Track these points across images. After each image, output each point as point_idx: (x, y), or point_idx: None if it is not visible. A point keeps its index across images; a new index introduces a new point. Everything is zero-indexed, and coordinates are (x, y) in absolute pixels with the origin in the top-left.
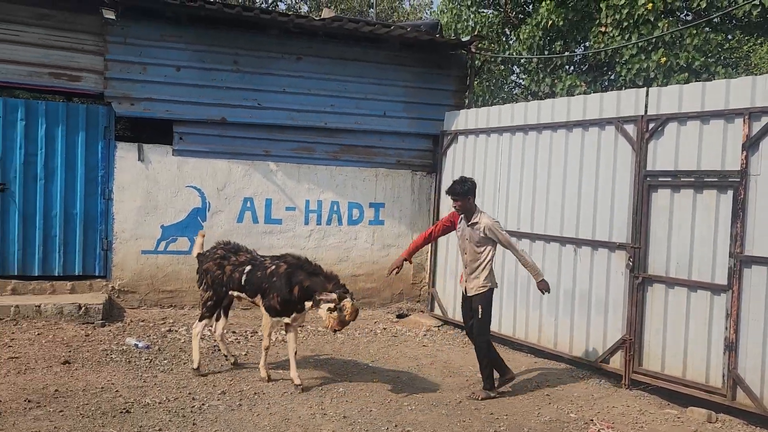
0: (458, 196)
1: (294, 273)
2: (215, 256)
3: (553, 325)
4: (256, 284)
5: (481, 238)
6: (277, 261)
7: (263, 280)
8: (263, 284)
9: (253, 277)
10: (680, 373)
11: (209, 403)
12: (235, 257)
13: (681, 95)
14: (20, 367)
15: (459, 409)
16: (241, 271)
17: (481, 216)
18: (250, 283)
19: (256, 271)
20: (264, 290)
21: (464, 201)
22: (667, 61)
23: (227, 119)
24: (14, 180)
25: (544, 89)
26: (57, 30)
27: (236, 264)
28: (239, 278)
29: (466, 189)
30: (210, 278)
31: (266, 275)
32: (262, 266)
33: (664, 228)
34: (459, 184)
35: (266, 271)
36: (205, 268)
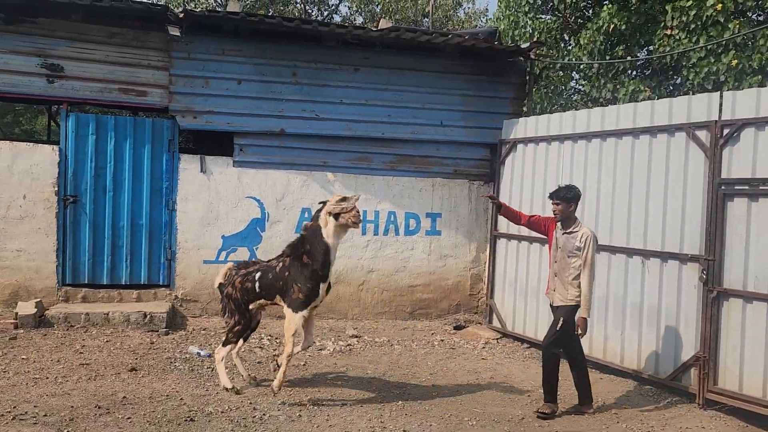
0: (561, 201)
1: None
2: (232, 280)
3: (620, 340)
4: (272, 285)
5: (576, 248)
6: (279, 257)
7: (278, 279)
8: (278, 283)
9: (265, 280)
10: (760, 393)
11: (270, 413)
12: (245, 270)
13: (758, 99)
14: (91, 374)
15: (522, 426)
16: (252, 279)
17: (581, 227)
18: (265, 287)
19: (266, 274)
20: (281, 288)
21: (566, 206)
22: (738, 63)
23: (286, 131)
24: (85, 192)
25: (606, 95)
26: (125, 47)
27: (245, 275)
28: (253, 287)
29: (571, 195)
30: (233, 303)
31: (277, 273)
32: (270, 268)
33: (741, 239)
34: (565, 189)
35: (275, 269)
36: (226, 294)
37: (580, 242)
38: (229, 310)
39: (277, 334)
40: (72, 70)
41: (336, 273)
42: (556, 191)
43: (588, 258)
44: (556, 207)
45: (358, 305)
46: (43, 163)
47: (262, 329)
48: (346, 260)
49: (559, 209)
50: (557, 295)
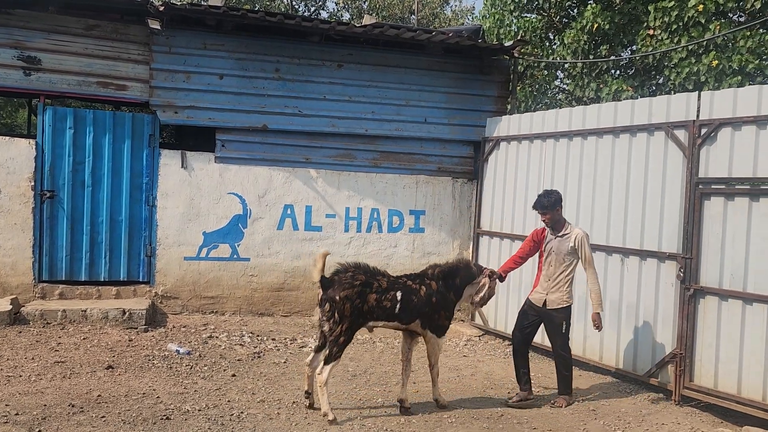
0: (546, 209)
1: (445, 283)
2: (356, 283)
3: (599, 337)
4: (415, 310)
5: (570, 249)
6: (421, 280)
7: (423, 305)
8: (424, 309)
9: (409, 303)
10: (735, 389)
11: (248, 411)
12: (377, 283)
13: (735, 99)
14: (66, 372)
15: (501, 423)
16: (392, 298)
17: (572, 228)
18: (406, 311)
19: (410, 296)
20: (426, 314)
21: (552, 213)
22: (719, 64)
23: (268, 126)
24: (63, 187)
25: (589, 94)
26: (104, 40)
27: (381, 291)
28: (391, 307)
29: (553, 201)
30: (349, 308)
31: (422, 298)
32: (411, 290)
33: (718, 237)
34: (545, 197)
35: (419, 293)
36: (343, 297)
37: (575, 243)
38: (340, 314)
39: (258, 331)
40: (49, 63)
41: None
42: (538, 201)
43: (587, 256)
44: (545, 217)
45: None
46: (19, 157)
47: (243, 326)
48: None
49: (548, 218)
50: (550, 297)
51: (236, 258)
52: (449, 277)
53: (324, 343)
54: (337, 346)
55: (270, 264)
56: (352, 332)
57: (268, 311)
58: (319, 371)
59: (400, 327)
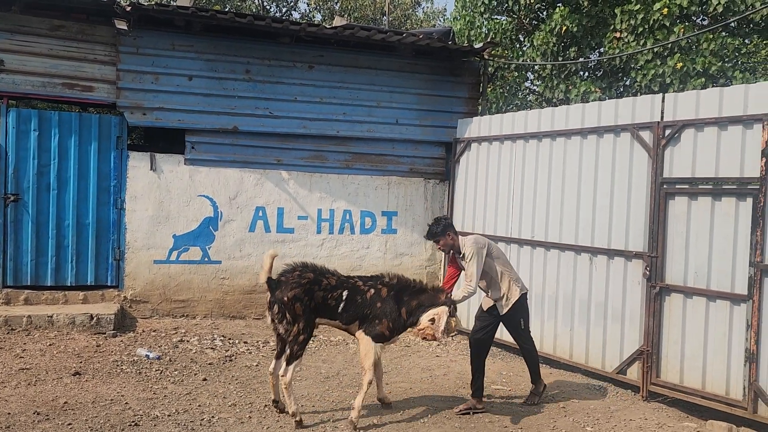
0: (438, 236)
1: (399, 295)
2: (303, 281)
3: (569, 336)
4: (356, 311)
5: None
6: (374, 283)
7: (365, 307)
8: (365, 311)
9: (352, 303)
10: (699, 385)
11: (219, 415)
12: (326, 281)
13: (698, 101)
14: (31, 379)
15: (472, 422)
16: (336, 297)
17: (464, 240)
18: (348, 311)
19: (354, 297)
20: (365, 316)
21: (445, 239)
22: (683, 66)
23: (239, 128)
24: (27, 190)
25: (559, 96)
26: (70, 41)
27: (328, 289)
28: (335, 306)
29: (442, 228)
30: (301, 307)
31: (367, 300)
32: (359, 290)
33: (682, 236)
34: (434, 226)
35: (365, 295)
36: (292, 297)
37: (466, 253)
38: (292, 314)
39: (230, 335)
40: (12, 64)
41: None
42: (429, 232)
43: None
44: (438, 245)
45: None
46: None
47: (215, 330)
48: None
49: (442, 244)
50: (501, 303)
51: (207, 261)
52: (404, 292)
53: (283, 347)
54: (297, 345)
55: (242, 266)
56: (310, 330)
57: (240, 314)
58: (282, 372)
59: (342, 327)
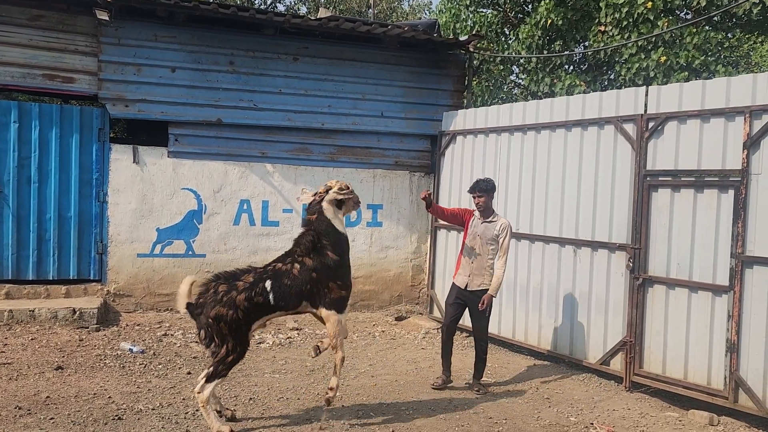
0: (484, 192)
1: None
2: (219, 296)
3: (553, 327)
4: (294, 292)
5: (494, 236)
6: (293, 258)
7: (303, 282)
8: (305, 287)
9: (282, 288)
10: (681, 375)
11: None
12: (242, 282)
13: (681, 94)
14: (12, 373)
15: (457, 414)
16: (263, 291)
17: (499, 217)
18: (282, 297)
19: (281, 280)
20: (309, 292)
21: (488, 198)
22: (666, 60)
23: (223, 120)
24: (8, 183)
25: (544, 89)
26: (50, 31)
27: (248, 288)
28: (266, 300)
29: (491, 186)
30: (225, 325)
31: (297, 276)
32: (280, 273)
33: (665, 228)
34: (484, 182)
35: (291, 273)
36: (214, 316)
37: (499, 230)
38: (219, 336)
39: None
40: None
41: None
42: (476, 185)
43: (506, 245)
44: (479, 199)
45: None
46: None
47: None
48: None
49: (482, 201)
50: (475, 280)
51: (191, 254)
52: (318, 242)
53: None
54: (223, 365)
55: (226, 260)
56: (242, 347)
57: None
58: (199, 389)
59: (290, 314)
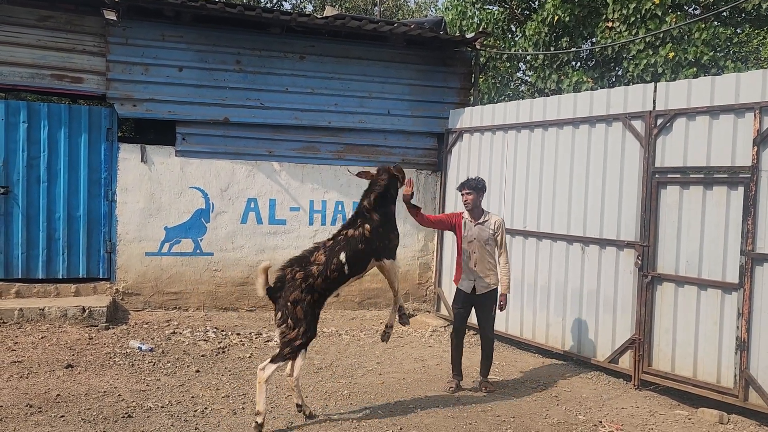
0: (472, 190)
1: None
2: (297, 282)
3: (561, 325)
4: (366, 253)
5: (491, 236)
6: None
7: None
8: (376, 243)
9: (357, 254)
10: (691, 373)
11: (212, 407)
12: (316, 264)
13: (690, 90)
14: (23, 371)
15: (465, 412)
16: (338, 264)
17: (490, 215)
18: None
19: (354, 246)
20: (378, 248)
21: (476, 196)
22: (675, 56)
23: (230, 119)
24: (17, 183)
25: (551, 86)
26: (58, 31)
27: (324, 267)
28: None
29: (481, 185)
30: (302, 310)
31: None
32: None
33: (674, 225)
34: (474, 180)
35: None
36: (293, 300)
37: (494, 228)
38: (294, 319)
39: (223, 327)
40: (0, 55)
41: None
42: (466, 182)
43: (503, 241)
44: (468, 197)
45: None
46: None
47: (207, 322)
48: (293, 251)
49: (470, 199)
50: (482, 283)
51: (199, 253)
52: (383, 197)
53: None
54: (290, 347)
55: (234, 258)
56: (312, 333)
57: (233, 306)
58: (262, 367)
59: (362, 275)
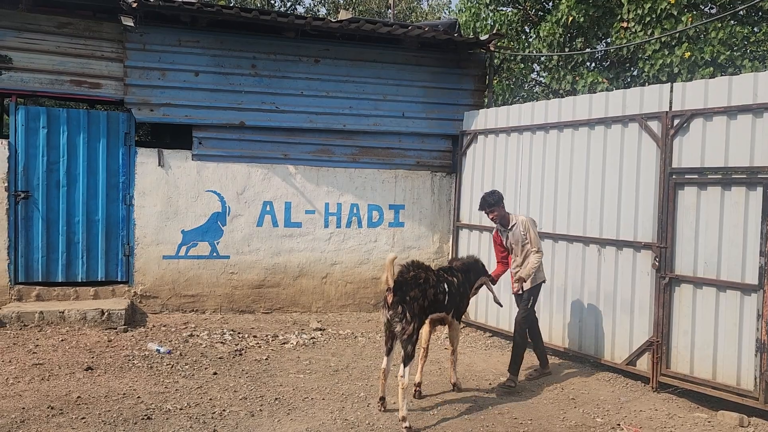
0: (493, 207)
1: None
2: (419, 281)
3: (578, 327)
4: (454, 300)
5: (523, 235)
6: (452, 273)
7: (457, 294)
8: (457, 298)
9: (451, 295)
10: (710, 375)
11: (230, 409)
12: (432, 278)
13: (707, 90)
14: (44, 374)
15: (482, 414)
16: (443, 291)
17: (516, 216)
18: (451, 302)
19: (452, 288)
20: (458, 304)
21: (499, 209)
22: (691, 55)
23: (246, 123)
24: (37, 187)
25: (566, 87)
26: (77, 38)
27: (435, 285)
28: (443, 299)
29: (497, 198)
30: (417, 307)
31: (457, 288)
32: (451, 282)
33: (692, 227)
34: (490, 196)
35: (455, 285)
36: (412, 296)
37: (523, 228)
38: (411, 314)
39: (240, 329)
40: (20, 62)
41: (299, 266)
42: (484, 201)
43: (533, 236)
44: (493, 215)
45: (321, 298)
46: None
47: (224, 324)
48: (308, 253)
49: (495, 215)
50: (523, 284)
51: (216, 256)
52: (469, 271)
53: (392, 345)
54: (411, 345)
55: (250, 261)
56: (421, 326)
57: (249, 308)
58: (401, 374)
59: (441, 317)
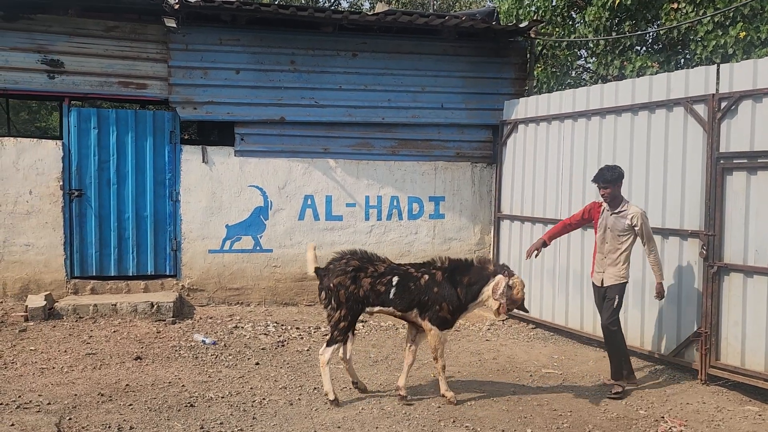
0: (608, 183)
1: (453, 276)
2: (348, 269)
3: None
4: (411, 298)
5: (626, 227)
6: (427, 269)
7: (421, 293)
8: (422, 297)
9: (405, 290)
10: (762, 367)
11: (270, 398)
12: (373, 268)
13: (756, 70)
14: (96, 363)
15: (521, 405)
16: (386, 283)
17: (629, 205)
18: (401, 297)
19: (407, 283)
20: (424, 303)
21: (614, 188)
22: (746, 35)
23: (286, 118)
24: (89, 186)
25: (613, 72)
26: (123, 41)
27: (377, 275)
28: (385, 291)
29: (616, 175)
30: (344, 294)
31: (422, 285)
32: (411, 277)
33: (741, 213)
34: (609, 171)
35: (419, 281)
36: (336, 283)
37: (632, 221)
38: (337, 301)
39: (283, 321)
40: (71, 65)
41: None
42: (600, 174)
43: (648, 233)
44: (605, 191)
45: None
46: (47, 158)
47: (268, 316)
48: (349, 246)
49: (607, 192)
50: (606, 275)
51: (259, 249)
52: (457, 273)
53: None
54: (337, 330)
55: (292, 254)
56: (353, 317)
57: (292, 301)
58: (321, 352)
59: (396, 314)
